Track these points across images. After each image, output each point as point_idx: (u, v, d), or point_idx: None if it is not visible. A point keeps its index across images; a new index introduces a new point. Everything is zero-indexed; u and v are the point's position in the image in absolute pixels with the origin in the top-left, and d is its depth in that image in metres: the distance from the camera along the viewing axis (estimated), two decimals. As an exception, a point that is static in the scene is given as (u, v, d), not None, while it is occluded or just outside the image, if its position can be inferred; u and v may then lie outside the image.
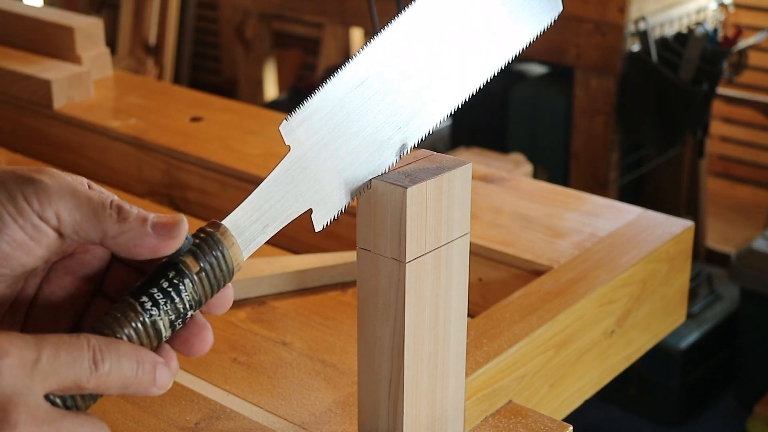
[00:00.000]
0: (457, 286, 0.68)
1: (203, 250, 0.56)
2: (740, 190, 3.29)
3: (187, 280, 0.55)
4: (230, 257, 0.57)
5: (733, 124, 3.22)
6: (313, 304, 0.96)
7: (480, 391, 0.78)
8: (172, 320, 0.55)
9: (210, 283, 0.56)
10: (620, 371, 0.99)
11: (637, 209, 1.07)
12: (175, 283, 0.54)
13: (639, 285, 0.97)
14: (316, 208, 0.62)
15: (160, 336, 0.54)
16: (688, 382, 2.58)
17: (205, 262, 0.55)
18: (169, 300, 0.54)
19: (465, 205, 0.66)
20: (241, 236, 0.58)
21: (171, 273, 0.54)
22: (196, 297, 0.55)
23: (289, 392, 0.82)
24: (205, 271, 0.55)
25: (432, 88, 0.65)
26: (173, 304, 0.54)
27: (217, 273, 0.56)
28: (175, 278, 0.54)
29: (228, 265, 0.57)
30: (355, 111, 0.62)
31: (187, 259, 0.55)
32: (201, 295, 0.55)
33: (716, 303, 2.71)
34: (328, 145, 0.61)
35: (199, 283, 0.55)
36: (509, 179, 1.15)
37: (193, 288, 0.55)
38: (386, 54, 0.63)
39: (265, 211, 0.60)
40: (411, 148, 0.65)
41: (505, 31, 0.67)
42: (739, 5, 3.04)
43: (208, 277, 0.56)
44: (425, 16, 0.64)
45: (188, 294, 0.55)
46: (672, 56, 2.58)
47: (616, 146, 2.66)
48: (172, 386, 0.79)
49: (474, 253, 0.98)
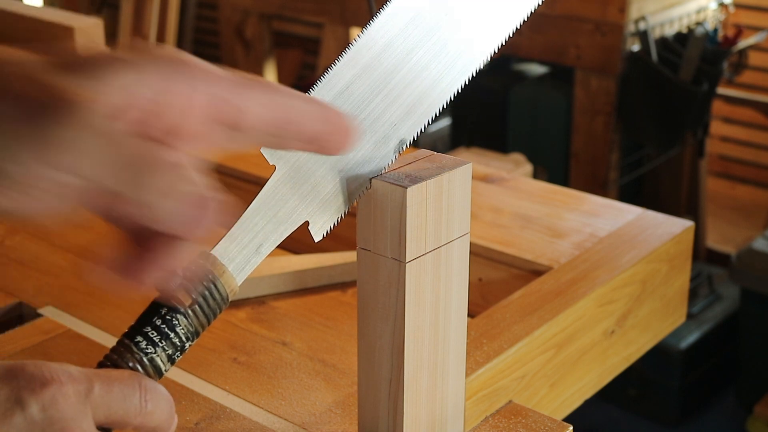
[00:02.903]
0: (457, 286, 0.68)
1: (194, 283, 0.56)
2: (740, 190, 3.29)
3: (180, 315, 0.55)
4: (222, 285, 0.56)
5: (733, 124, 3.23)
6: (313, 304, 0.96)
7: (480, 391, 0.78)
8: (170, 355, 0.55)
9: (204, 314, 0.56)
10: (620, 371, 0.99)
11: (637, 209, 1.07)
12: (168, 320, 0.55)
13: (639, 285, 0.97)
14: (312, 219, 0.61)
15: (160, 372, 0.55)
16: (688, 382, 2.58)
17: (197, 295, 0.55)
18: (164, 337, 0.55)
19: (465, 205, 0.66)
20: (234, 261, 0.58)
21: (163, 310, 0.55)
22: (191, 329, 0.56)
23: (289, 392, 0.82)
24: (198, 304, 0.55)
25: (426, 80, 0.63)
26: (169, 340, 0.55)
27: (210, 303, 0.56)
28: (167, 314, 0.55)
29: (221, 294, 0.57)
30: None
31: (178, 293, 0.55)
32: (196, 325, 0.56)
33: (716, 303, 2.71)
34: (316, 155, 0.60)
35: (193, 315, 0.55)
36: (509, 179, 1.15)
37: (188, 321, 0.55)
38: (371, 52, 0.61)
39: (257, 232, 0.59)
40: (409, 143, 0.64)
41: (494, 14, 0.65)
42: (739, 5, 3.04)
43: (202, 309, 0.56)
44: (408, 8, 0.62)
45: (183, 328, 0.55)
46: (672, 56, 2.58)
47: (616, 146, 2.66)
48: (172, 386, 0.79)
49: (474, 253, 0.98)
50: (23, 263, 1.04)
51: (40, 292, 0.97)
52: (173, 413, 0.55)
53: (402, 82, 0.62)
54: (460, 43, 0.64)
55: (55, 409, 0.49)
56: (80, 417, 0.50)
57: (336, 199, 0.61)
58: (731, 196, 3.29)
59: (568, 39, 2.59)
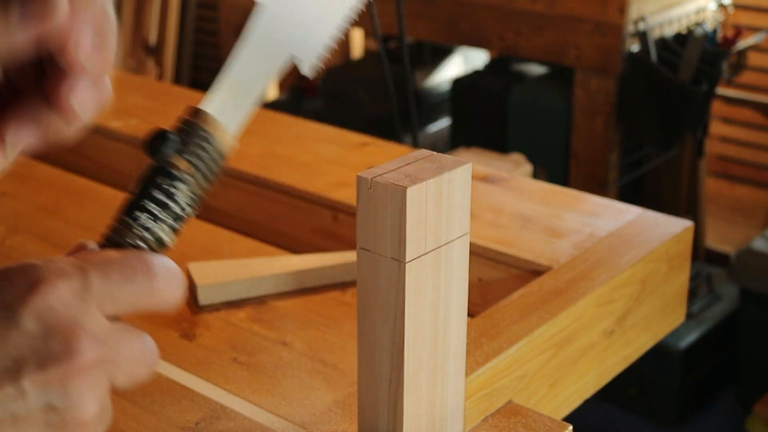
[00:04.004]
0: (457, 286, 0.68)
1: (189, 145, 0.52)
2: (740, 190, 3.29)
3: (179, 183, 0.51)
4: (217, 141, 0.53)
5: (733, 124, 3.23)
6: (313, 304, 0.97)
7: (480, 391, 0.78)
8: (172, 225, 0.52)
9: (204, 177, 0.53)
10: (620, 371, 0.99)
11: (637, 209, 1.07)
12: (166, 189, 0.51)
13: (638, 285, 0.97)
14: (299, 53, 0.57)
15: (165, 245, 0.52)
16: (688, 381, 2.58)
17: (194, 157, 0.52)
18: (164, 208, 0.51)
19: (465, 205, 0.66)
20: (227, 113, 0.54)
21: (161, 179, 0.51)
22: (193, 196, 0.52)
23: (289, 392, 0.82)
24: (196, 167, 0.52)
25: None
26: (169, 209, 0.51)
27: (209, 164, 0.53)
28: (166, 184, 0.51)
29: (218, 150, 0.53)
30: None
31: (174, 160, 0.51)
32: (196, 189, 0.52)
33: (716, 303, 2.71)
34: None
35: (193, 181, 0.52)
36: (509, 179, 1.15)
37: (188, 188, 0.52)
38: None
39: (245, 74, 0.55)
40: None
41: None
42: (739, 6, 3.04)
43: (201, 172, 0.52)
44: None
45: (184, 196, 0.52)
46: (671, 56, 2.58)
47: (616, 146, 2.66)
48: (173, 386, 0.79)
49: (474, 253, 0.98)
50: (24, 263, 1.04)
51: (40, 292, 0.97)
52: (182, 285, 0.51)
53: None
54: None
55: (52, 315, 0.45)
56: (84, 317, 0.46)
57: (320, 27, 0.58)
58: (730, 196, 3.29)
59: (568, 39, 2.59)
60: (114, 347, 0.47)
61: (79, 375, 0.45)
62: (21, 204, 1.19)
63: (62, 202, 1.19)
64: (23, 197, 1.20)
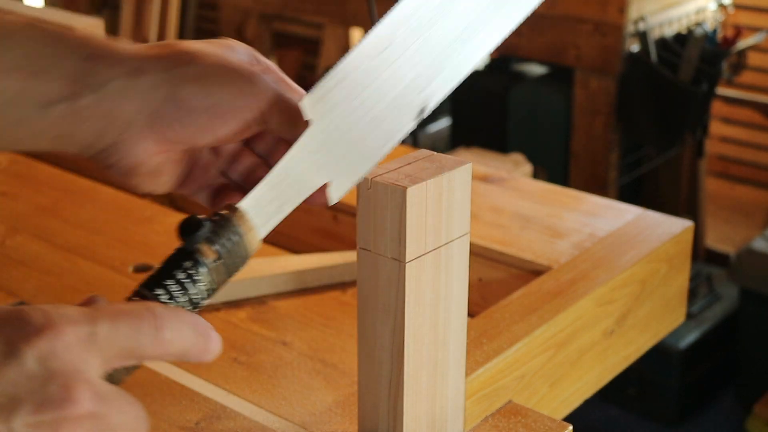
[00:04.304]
0: (457, 286, 0.68)
1: (220, 237, 0.54)
2: (740, 190, 3.29)
3: (203, 269, 0.53)
4: (247, 242, 0.55)
5: (733, 124, 3.23)
6: (313, 304, 0.97)
7: (480, 391, 0.78)
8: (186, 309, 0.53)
9: (226, 270, 0.54)
10: (620, 371, 0.99)
11: (637, 209, 1.07)
12: (191, 274, 0.53)
13: (638, 285, 0.97)
14: (334, 180, 0.60)
15: None
16: (688, 381, 2.58)
17: (222, 249, 0.53)
18: (184, 291, 0.52)
19: (465, 205, 0.66)
20: (257, 218, 0.56)
21: (187, 263, 0.53)
22: (212, 286, 0.53)
23: (289, 392, 0.82)
24: (222, 258, 0.53)
25: (452, 47, 0.62)
26: (188, 294, 0.53)
27: (234, 259, 0.54)
28: (191, 268, 0.52)
29: (245, 251, 0.55)
30: (378, 78, 0.60)
31: (203, 247, 0.53)
32: (217, 282, 0.54)
33: (716, 303, 2.71)
34: (350, 115, 0.60)
35: (216, 270, 0.53)
36: (509, 179, 1.15)
37: (210, 277, 0.53)
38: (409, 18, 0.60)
39: (283, 190, 0.58)
40: (429, 110, 0.63)
41: None
42: (739, 6, 3.04)
43: (225, 265, 0.54)
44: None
45: (204, 283, 0.53)
46: (671, 57, 2.58)
47: (616, 146, 2.66)
48: (172, 386, 0.79)
49: (474, 253, 0.98)
50: (24, 263, 1.04)
51: (40, 292, 0.98)
52: (205, 335, 0.51)
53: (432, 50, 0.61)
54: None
55: (55, 360, 0.45)
56: (84, 367, 0.46)
57: (358, 161, 0.61)
58: (730, 196, 3.29)
59: (567, 39, 2.59)
60: (110, 407, 0.47)
61: (72, 424, 0.45)
62: (21, 204, 1.19)
63: (62, 202, 1.19)
64: (23, 197, 1.20)
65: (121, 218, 1.14)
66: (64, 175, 1.27)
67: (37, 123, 0.58)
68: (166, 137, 0.59)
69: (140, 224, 1.13)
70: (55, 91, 0.57)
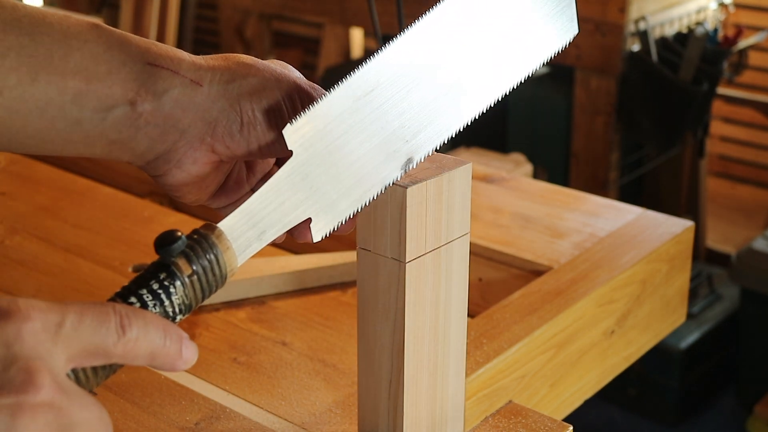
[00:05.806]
0: (457, 286, 0.68)
1: (197, 253, 0.54)
2: (740, 190, 3.28)
3: (178, 282, 0.53)
4: (224, 262, 0.55)
5: (733, 124, 3.22)
6: (313, 304, 0.96)
7: (480, 391, 0.78)
8: None
9: (201, 288, 0.54)
10: (620, 371, 0.99)
11: (637, 209, 1.07)
12: (166, 285, 0.53)
13: (639, 285, 0.97)
14: (315, 217, 0.60)
15: None
16: (688, 382, 2.58)
17: (197, 265, 0.54)
18: (158, 302, 0.53)
19: (465, 205, 0.66)
20: (237, 241, 0.57)
21: (162, 274, 0.53)
22: (186, 301, 0.54)
23: (289, 392, 0.82)
24: (197, 275, 0.54)
25: (442, 101, 0.62)
26: (162, 306, 0.53)
27: (209, 277, 0.55)
28: (165, 280, 0.53)
29: (221, 270, 0.55)
30: (363, 120, 0.60)
31: (179, 260, 0.53)
32: (191, 299, 0.54)
33: (716, 303, 2.70)
34: (333, 153, 0.59)
35: (190, 286, 0.54)
36: (509, 179, 1.15)
37: (184, 291, 0.54)
38: (398, 63, 0.61)
39: (263, 217, 0.58)
40: (417, 162, 0.62)
41: (517, 50, 0.65)
42: (739, 5, 3.04)
43: (200, 281, 0.54)
44: (439, 27, 0.62)
45: (178, 297, 0.53)
46: (672, 56, 2.58)
47: (616, 146, 2.66)
48: (172, 386, 0.79)
49: (474, 253, 0.98)
50: (23, 263, 1.04)
51: (40, 292, 0.98)
52: (176, 340, 0.51)
53: (420, 100, 0.62)
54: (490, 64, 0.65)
55: (20, 345, 0.45)
56: (48, 355, 0.46)
57: (341, 202, 0.61)
58: (731, 196, 3.29)
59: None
60: (71, 402, 0.47)
61: (31, 410, 0.45)
62: (21, 204, 1.18)
63: (62, 202, 1.19)
64: (23, 197, 1.20)
65: (120, 218, 1.14)
66: (64, 175, 1.27)
67: (94, 127, 0.58)
68: (218, 149, 0.60)
69: (140, 224, 1.12)
70: (116, 96, 0.58)
